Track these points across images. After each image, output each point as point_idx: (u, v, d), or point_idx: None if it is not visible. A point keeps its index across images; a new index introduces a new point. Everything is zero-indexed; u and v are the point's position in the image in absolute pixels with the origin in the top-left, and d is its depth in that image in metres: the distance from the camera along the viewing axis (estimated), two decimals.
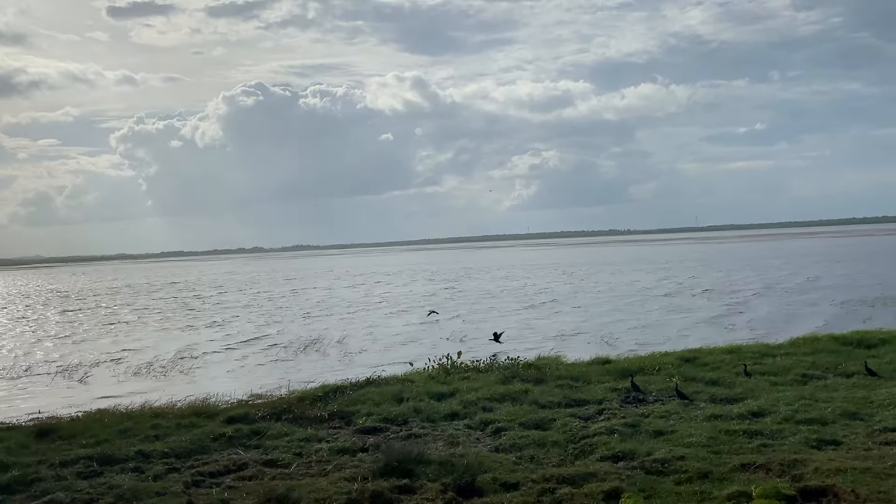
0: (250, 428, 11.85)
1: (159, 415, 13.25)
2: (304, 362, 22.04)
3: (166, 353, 24.34)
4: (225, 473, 9.83)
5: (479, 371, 15.94)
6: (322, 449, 10.60)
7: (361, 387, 14.61)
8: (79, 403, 16.70)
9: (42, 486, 9.46)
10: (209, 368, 21.58)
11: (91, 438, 11.64)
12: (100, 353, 25.19)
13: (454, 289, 53.44)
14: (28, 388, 19.64)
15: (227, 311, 42.05)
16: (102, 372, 21.61)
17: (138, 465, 10.28)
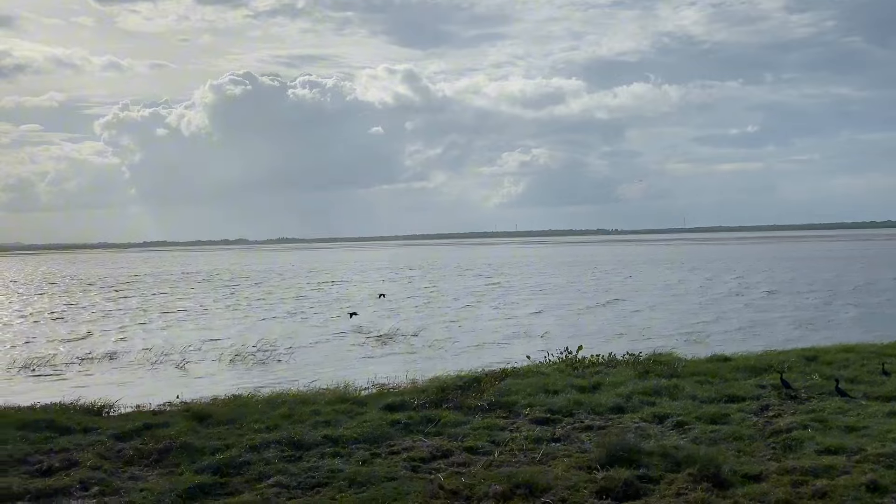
0: (421, 415, 11.79)
1: (305, 401, 13.20)
2: (389, 352, 21.98)
3: (253, 340, 24.21)
4: (433, 459, 9.76)
5: (607, 365, 15.94)
6: (516, 437, 10.54)
7: (501, 378, 14.56)
8: (197, 389, 16.57)
9: (255, 470, 9.37)
10: (300, 355, 21.49)
11: (259, 423, 11.55)
12: (188, 340, 25.08)
13: (499, 284, 53.36)
14: (137, 374, 19.57)
15: (295, 300, 41.93)
16: (197, 358, 21.52)
17: (336, 450, 10.19)
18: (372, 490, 8.49)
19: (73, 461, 9.94)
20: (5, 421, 12.01)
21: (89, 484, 9.04)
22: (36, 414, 12.64)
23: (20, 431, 11.37)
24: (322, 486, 8.79)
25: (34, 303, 46.40)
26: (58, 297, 50.27)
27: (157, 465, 9.90)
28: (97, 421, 12.42)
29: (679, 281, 52.00)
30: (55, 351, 23.06)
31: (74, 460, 9.96)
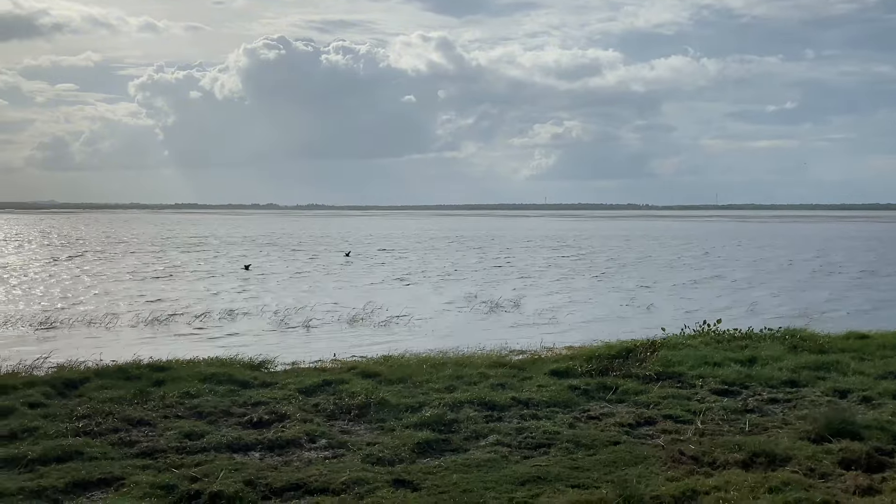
0: (596, 382, 11.85)
1: (465, 364, 13.33)
2: (502, 321, 22.08)
3: (361, 304, 24.43)
4: (639, 426, 9.81)
5: (746, 338, 15.86)
6: (712, 407, 10.56)
7: (651, 349, 14.55)
8: (333, 349, 16.80)
9: (467, 428, 9.49)
10: (418, 320, 21.65)
11: (436, 383, 11.72)
12: (297, 301, 25.37)
13: (581, 257, 53.20)
14: (264, 333, 19.93)
15: (382, 266, 42.18)
16: (316, 319, 21.81)
17: (533, 412, 10.30)
18: (604, 452, 8.56)
19: (279, 414, 10.14)
20: (186, 373, 12.31)
21: (314, 436, 9.23)
22: (209, 368, 12.92)
23: (204, 384, 11.64)
24: (546, 447, 8.88)
25: (122, 261, 47.24)
26: (146, 257, 51.19)
27: (360, 420, 10.08)
28: (270, 376, 12.67)
29: (762, 258, 51.36)
30: (174, 308, 23.48)
31: (281, 413, 10.17)
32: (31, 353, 15.69)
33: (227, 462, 8.20)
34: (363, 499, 7.13)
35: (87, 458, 8.30)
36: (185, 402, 10.67)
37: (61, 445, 8.53)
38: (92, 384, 11.78)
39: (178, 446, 8.80)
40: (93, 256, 51.57)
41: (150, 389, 11.35)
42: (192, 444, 8.85)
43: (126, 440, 9.00)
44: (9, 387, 11.51)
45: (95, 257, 50.67)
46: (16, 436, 9.21)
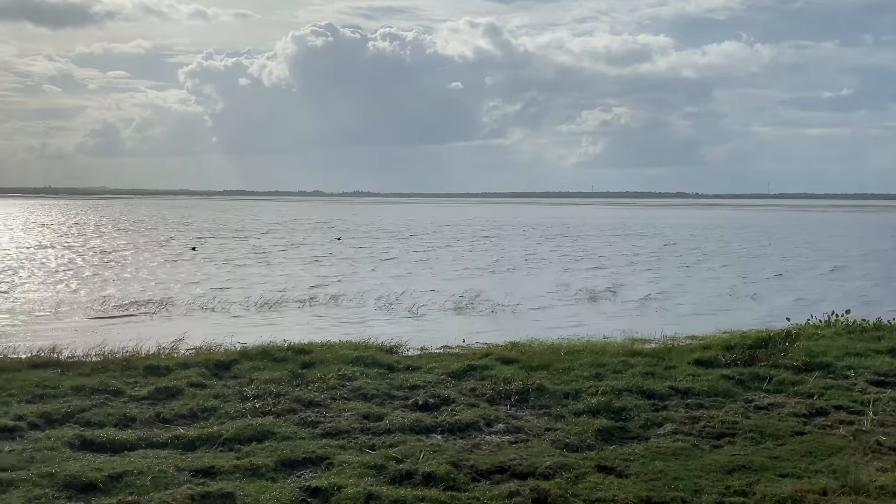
0: (749, 372, 11.72)
1: (598, 352, 13.28)
2: (603, 310, 21.97)
3: (460, 291, 24.49)
4: (813, 416, 9.65)
5: (880, 329, 15.55)
6: (880, 399, 10.35)
7: (787, 339, 14.32)
8: (452, 335, 16.86)
9: (639, 416, 9.45)
10: (523, 308, 21.63)
11: (585, 370, 11.69)
12: (398, 287, 25.55)
13: (673, 246, 52.70)
14: (375, 316, 20.14)
15: (471, 254, 42.26)
16: (421, 305, 21.94)
17: (697, 401, 10.22)
18: (793, 443, 8.45)
19: (442, 397, 10.21)
20: (329, 356, 12.46)
21: (489, 420, 9.28)
22: (347, 350, 13.07)
23: (354, 367, 11.77)
24: (729, 436, 8.80)
25: (208, 246, 48.07)
26: (233, 242, 52.03)
27: (522, 406, 10.11)
28: (410, 360, 12.78)
29: (843, 248, 50.23)
30: (278, 293, 23.81)
31: (444, 397, 10.23)
32: (161, 334, 16.00)
33: (420, 444, 8.28)
34: (577, 483, 7.13)
35: (281, 437, 8.45)
36: (345, 384, 10.81)
37: (251, 425, 8.69)
38: (242, 366, 12.01)
39: (361, 427, 8.91)
40: (217, 244, 52.61)
41: (301, 371, 11.53)
42: (373, 426, 8.96)
43: (307, 420, 9.14)
44: (163, 367, 11.80)
45: (222, 244, 51.68)
46: (196, 415, 9.43)
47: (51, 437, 8.31)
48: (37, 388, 10.34)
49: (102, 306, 21.07)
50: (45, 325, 18.59)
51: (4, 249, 42.80)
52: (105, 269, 32.96)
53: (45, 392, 10.21)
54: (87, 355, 12.97)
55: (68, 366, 12.13)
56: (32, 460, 7.54)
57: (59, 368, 11.86)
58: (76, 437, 8.28)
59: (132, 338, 15.53)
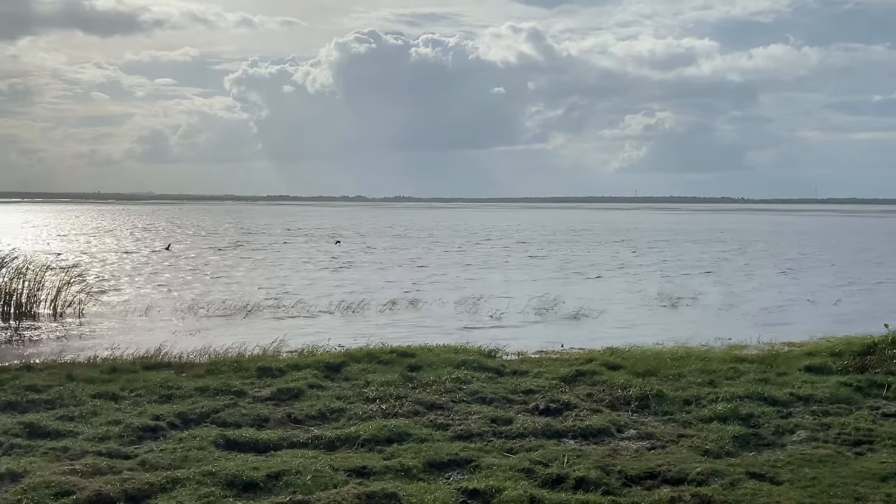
0: (866, 379, 11.53)
1: (701, 357, 13.16)
2: (685, 317, 21.75)
3: (538, 295, 24.47)
4: None
5: None
6: None
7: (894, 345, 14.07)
8: (529, 340, 16.88)
9: (769, 423, 9.36)
10: (607, 314, 21.52)
11: (691, 377, 11.63)
12: (474, 292, 25.64)
13: (739, 253, 52.10)
14: (456, 322, 20.21)
15: (545, 259, 42.27)
16: (501, 310, 21.99)
17: (822, 408, 10.07)
18: None
19: (562, 402, 10.21)
20: (433, 359, 12.55)
21: (619, 426, 9.26)
22: (448, 354, 13.14)
23: (462, 370, 11.82)
24: (867, 443, 8.65)
25: (288, 252, 48.66)
26: (305, 247, 52.66)
27: (644, 412, 10.06)
28: (514, 364, 12.80)
29: None
30: (359, 296, 23.99)
31: (563, 402, 10.23)
32: (256, 336, 16.24)
33: (558, 448, 8.30)
34: (734, 489, 7.08)
35: (417, 439, 8.52)
36: (461, 387, 10.86)
37: (386, 426, 8.77)
38: (351, 368, 12.16)
39: (492, 430, 8.94)
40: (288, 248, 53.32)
41: (411, 374, 11.63)
42: (504, 429, 8.98)
43: (436, 423, 9.20)
44: (274, 369, 11.98)
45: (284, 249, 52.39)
46: (325, 416, 9.56)
47: (195, 436, 8.49)
48: (162, 389, 10.59)
49: (193, 309, 21.45)
50: (143, 326, 18.99)
51: (93, 254, 43.62)
52: (191, 272, 33.54)
53: (172, 392, 10.44)
54: (195, 357, 13.24)
55: (180, 367, 12.39)
56: (186, 459, 7.71)
57: (171, 369, 12.14)
58: (219, 437, 8.45)
59: (230, 340, 15.84)
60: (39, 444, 8.09)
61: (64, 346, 16.21)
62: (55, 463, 7.49)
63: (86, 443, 8.22)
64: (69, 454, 7.82)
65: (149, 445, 8.27)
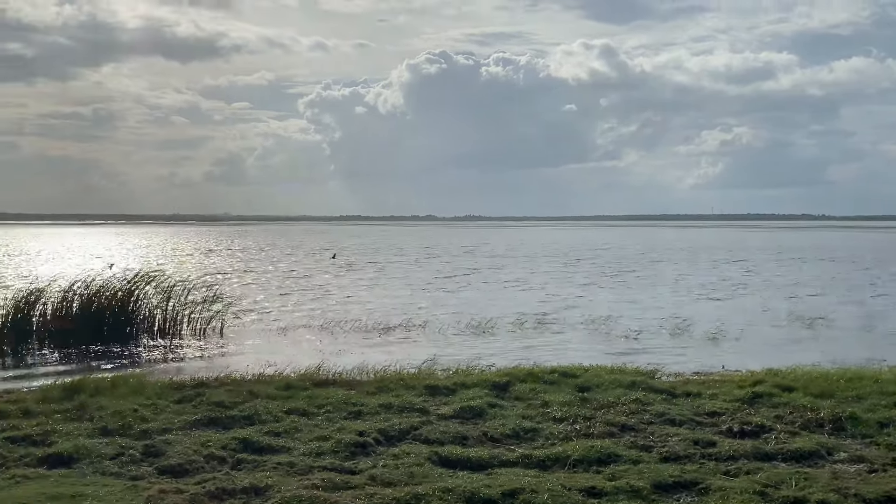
0: None
1: (876, 380, 12.76)
2: (824, 336, 21.14)
3: (667, 314, 24.18)
4: None
5: None
6: None
7: None
8: (690, 361, 16.62)
9: None
10: (747, 336, 21.05)
11: (873, 399, 11.27)
12: (606, 310, 25.50)
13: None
14: (596, 340, 20.08)
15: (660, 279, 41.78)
16: (633, 329, 21.79)
17: None
18: None
19: (755, 424, 9.99)
20: (600, 380, 12.46)
21: (829, 448, 9.03)
22: (613, 374, 13.04)
23: (633, 391, 11.71)
24: None
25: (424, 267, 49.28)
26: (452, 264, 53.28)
27: (840, 435, 9.74)
28: (678, 385, 12.62)
29: None
30: (484, 315, 24.07)
31: (756, 423, 10.01)
32: (397, 355, 16.46)
33: (778, 471, 8.14)
34: None
35: (628, 460, 8.47)
36: (645, 408, 10.75)
37: (593, 447, 8.74)
38: (518, 387, 12.16)
39: (699, 452, 8.82)
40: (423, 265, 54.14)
41: (583, 395, 11.57)
42: (711, 452, 8.85)
43: (639, 444, 9.13)
44: (443, 387, 12.08)
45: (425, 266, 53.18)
46: (520, 436, 9.58)
47: (407, 452, 8.61)
48: (348, 405, 10.78)
49: (327, 327, 21.86)
50: (285, 344, 19.42)
51: (211, 273, 44.82)
52: (311, 291, 34.20)
53: (359, 409, 10.61)
54: (355, 374, 13.45)
55: (347, 384, 12.61)
56: (412, 475, 7.82)
57: (338, 386, 12.35)
58: (432, 454, 8.54)
59: (376, 357, 16.11)
60: (263, 459, 8.32)
61: (214, 363, 16.68)
62: (291, 478, 7.69)
63: (305, 458, 8.42)
64: (297, 469, 8.03)
65: (364, 461, 8.42)
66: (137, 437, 9.17)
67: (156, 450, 8.67)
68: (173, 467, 8.09)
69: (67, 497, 7.07)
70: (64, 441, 8.85)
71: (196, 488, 7.35)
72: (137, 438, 9.11)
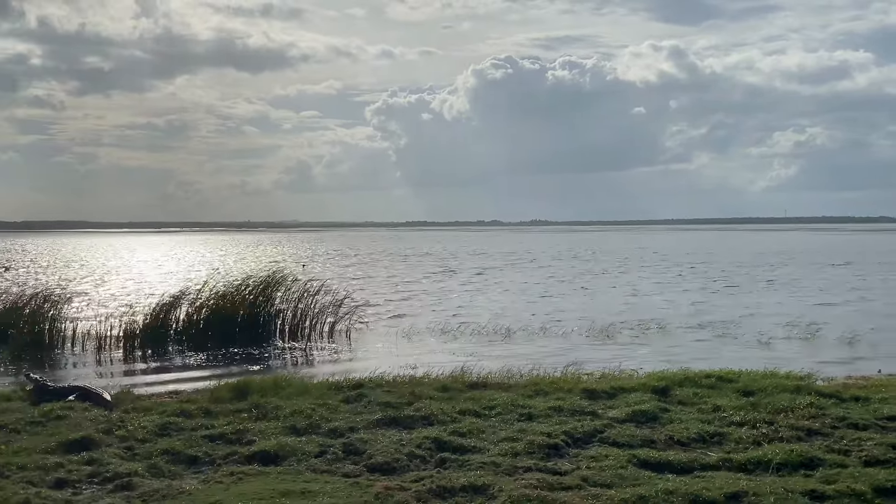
0: None
1: None
2: None
3: (796, 316, 23.71)
4: None
5: None
6: None
7: None
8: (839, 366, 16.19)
9: None
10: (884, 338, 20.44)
11: None
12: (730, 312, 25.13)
13: None
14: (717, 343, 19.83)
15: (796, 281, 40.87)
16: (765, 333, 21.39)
17: None
18: None
19: None
20: (765, 384, 12.24)
21: None
22: (769, 378, 12.80)
23: (804, 396, 11.46)
24: None
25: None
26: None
27: None
28: (837, 389, 12.33)
29: None
30: (605, 319, 23.92)
31: None
32: (531, 359, 16.49)
33: None
34: None
35: (831, 464, 8.34)
36: (822, 412, 10.53)
37: (794, 451, 8.60)
38: (678, 391, 12.04)
39: None
40: None
41: (750, 399, 11.36)
42: None
43: (834, 448, 8.96)
44: (601, 391, 12.02)
45: None
46: (705, 439, 9.48)
47: (605, 455, 8.62)
48: (518, 408, 10.79)
49: (448, 331, 22.05)
50: (415, 347, 19.67)
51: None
52: (422, 296, 34.50)
53: (528, 412, 10.61)
54: (507, 377, 13.47)
55: (499, 386, 12.66)
56: (622, 477, 7.82)
57: (489, 388, 12.42)
58: (631, 457, 8.52)
59: (512, 360, 16.11)
60: (466, 459, 8.42)
61: (353, 365, 16.94)
62: (502, 477, 7.77)
63: (503, 458, 8.49)
64: (503, 469, 8.11)
65: (562, 462, 8.46)
66: (329, 436, 9.38)
67: (354, 448, 8.86)
68: (381, 465, 8.25)
69: (297, 493, 7.27)
70: (263, 440, 9.11)
71: (416, 486, 7.50)
72: (330, 437, 9.32)
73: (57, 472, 8.14)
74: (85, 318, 21.60)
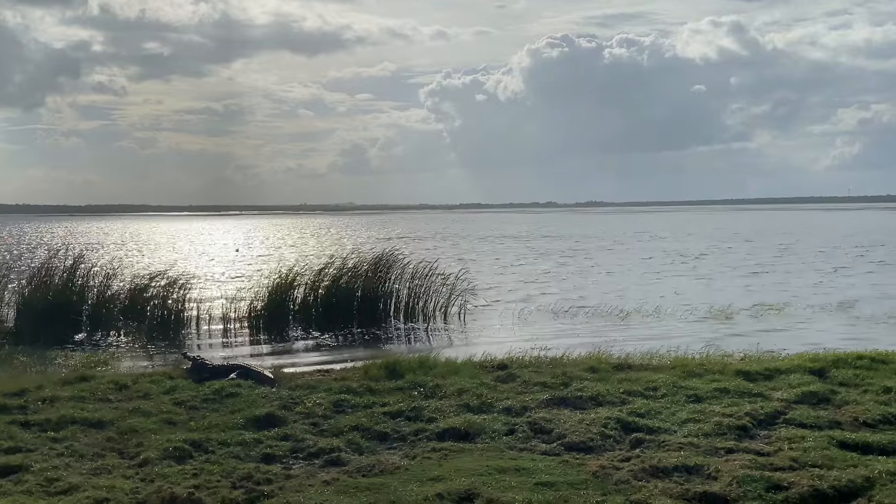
0: None
1: None
2: None
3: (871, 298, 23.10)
4: None
5: None
6: None
7: None
8: None
9: None
10: None
11: None
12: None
13: None
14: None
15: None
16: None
17: None
18: None
19: None
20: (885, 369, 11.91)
21: None
22: (867, 360, 12.38)
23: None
24: None
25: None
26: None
27: None
28: None
29: None
30: (721, 301, 23.59)
31: None
32: (645, 342, 16.31)
33: None
34: None
35: None
36: None
37: None
38: (836, 373, 11.70)
39: None
40: None
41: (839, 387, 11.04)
42: None
43: None
44: (755, 373, 11.75)
45: None
46: (890, 421, 9.26)
47: (801, 437, 8.49)
48: (678, 389, 10.65)
49: (559, 313, 22.01)
50: (527, 329, 19.68)
51: None
52: (521, 277, 34.46)
53: (694, 393, 10.45)
54: (648, 359, 13.33)
55: (642, 367, 12.49)
56: (831, 458, 7.71)
57: (635, 370, 12.25)
58: (829, 438, 8.38)
59: (629, 343, 15.96)
60: (660, 440, 8.39)
61: (479, 344, 16.94)
62: (709, 457, 7.72)
63: (696, 439, 8.41)
64: (703, 449, 8.05)
65: (756, 444, 8.36)
66: (508, 414, 9.41)
67: (540, 427, 8.88)
68: (577, 444, 8.27)
69: (512, 470, 7.33)
70: (445, 417, 9.20)
71: (628, 465, 7.50)
72: (510, 415, 9.36)
73: (257, 447, 8.33)
74: (206, 299, 22.06)
